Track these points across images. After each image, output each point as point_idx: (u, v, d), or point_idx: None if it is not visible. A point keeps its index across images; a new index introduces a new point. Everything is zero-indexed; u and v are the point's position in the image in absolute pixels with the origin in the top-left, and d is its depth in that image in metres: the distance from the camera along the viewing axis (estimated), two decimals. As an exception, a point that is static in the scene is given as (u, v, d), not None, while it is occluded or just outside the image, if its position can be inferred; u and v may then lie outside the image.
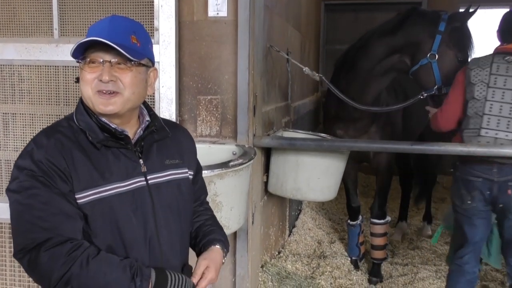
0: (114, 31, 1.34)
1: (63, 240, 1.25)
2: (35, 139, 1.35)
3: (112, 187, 1.35)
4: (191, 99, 2.69)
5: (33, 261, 1.25)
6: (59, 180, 1.29)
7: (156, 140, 1.48)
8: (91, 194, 1.32)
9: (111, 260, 1.29)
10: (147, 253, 1.39)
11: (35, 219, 1.26)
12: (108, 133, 1.38)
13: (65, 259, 1.23)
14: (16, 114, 2.71)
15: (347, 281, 3.38)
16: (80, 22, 2.62)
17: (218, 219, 2.27)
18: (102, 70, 1.33)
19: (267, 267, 3.23)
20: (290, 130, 3.45)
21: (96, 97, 1.35)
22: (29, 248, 1.25)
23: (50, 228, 1.26)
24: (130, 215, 1.36)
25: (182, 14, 2.62)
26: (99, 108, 1.36)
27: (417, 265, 3.63)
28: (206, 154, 2.57)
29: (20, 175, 1.29)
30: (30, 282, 2.74)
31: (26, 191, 1.27)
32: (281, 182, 3.05)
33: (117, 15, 1.45)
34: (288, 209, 4.04)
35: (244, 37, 2.54)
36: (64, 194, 1.29)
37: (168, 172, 1.48)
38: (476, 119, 2.46)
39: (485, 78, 2.40)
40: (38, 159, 1.29)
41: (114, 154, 1.38)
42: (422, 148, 2.75)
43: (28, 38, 2.67)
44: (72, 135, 1.36)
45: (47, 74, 2.65)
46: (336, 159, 3.05)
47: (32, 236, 1.26)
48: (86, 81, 1.35)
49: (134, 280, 1.27)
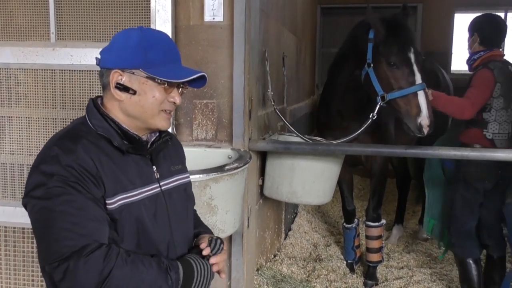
0: None
1: (98, 246, 1.25)
2: (58, 144, 1.32)
3: (138, 192, 1.38)
4: (187, 103, 2.70)
5: (71, 270, 1.21)
6: (92, 185, 1.28)
7: (162, 148, 1.52)
8: (121, 199, 1.33)
9: (145, 259, 1.31)
10: (165, 253, 1.43)
11: (71, 226, 1.24)
12: (127, 139, 1.41)
13: (104, 263, 1.23)
14: (12, 118, 2.72)
15: (342, 284, 3.39)
16: (77, 26, 2.64)
17: (214, 223, 2.30)
18: (175, 93, 1.42)
19: (262, 271, 3.23)
20: (286, 133, 3.46)
21: (162, 114, 1.42)
22: (65, 256, 1.22)
23: (87, 235, 1.25)
24: (152, 220, 1.40)
25: (179, 19, 2.64)
26: (162, 125, 1.43)
27: (412, 268, 3.64)
28: (202, 158, 2.59)
29: (48, 181, 1.25)
30: (25, 281, 2.75)
31: (58, 197, 1.24)
32: (276, 185, 3.06)
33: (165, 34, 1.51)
34: (284, 212, 4.05)
35: (240, 42, 2.56)
36: (97, 199, 1.29)
37: (175, 177, 1.53)
38: (506, 125, 2.81)
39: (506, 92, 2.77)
40: (67, 164, 1.27)
41: (134, 160, 1.41)
42: (415, 152, 2.77)
43: (24, 42, 2.68)
44: (95, 141, 1.35)
45: (43, 78, 2.66)
46: (331, 163, 3.06)
47: (68, 243, 1.23)
48: (156, 98, 1.39)
49: (169, 273, 1.32)
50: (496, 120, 2.81)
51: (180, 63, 1.47)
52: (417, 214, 4.77)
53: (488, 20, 2.95)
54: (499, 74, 2.79)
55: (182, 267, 1.37)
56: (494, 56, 2.87)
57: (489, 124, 2.83)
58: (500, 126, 2.82)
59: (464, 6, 6.75)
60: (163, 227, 1.43)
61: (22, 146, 2.70)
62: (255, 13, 2.72)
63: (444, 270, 3.61)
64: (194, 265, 1.40)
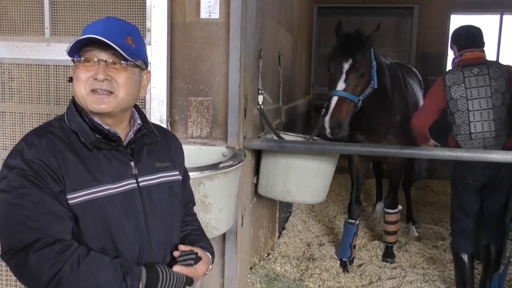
0: (110, 31, 1.34)
1: (52, 241, 1.23)
2: (26, 139, 1.33)
3: (103, 188, 1.34)
4: (182, 100, 2.69)
5: (22, 262, 1.22)
6: (50, 180, 1.27)
7: (146, 144, 1.48)
8: (82, 195, 1.31)
9: (102, 260, 1.28)
10: (138, 254, 1.39)
11: (24, 219, 1.23)
12: (100, 134, 1.38)
13: (55, 260, 1.21)
14: (5, 113, 2.70)
15: (335, 284, 3.39)
16: (71, 22, 2.62)
17: (207, 221, 2.29)
18: (97, 69, 1.33)
19: (255, 269, 3.23)
20: (281, 132, 3.46)
21: (90, 96, 1.34)
22: (17, 249, 1.22)
23: (40, 229, 1.24)
24: (121, 217, 1.36)
25: (174, 16, 2.62)
26: (92, 107, 1.35)
27: (405, 269, 3.65)
28: (196, 155, 2.58)
29: (9, 175, 1.27)
30: (18, 282, 2.73)
31: (15, 190, 1.25)
32: (271, 184, 3.06)
33: (112, 17, 1.44)
34: (278, 211, 4.05)
35: (236, 39, 2.55)
36: (55, 194, 1.27)
37: (159, 174, 1.49)
38: (465, 126, 2.88)
39: (463, 93, 2.88)
40: (29, 158, 1.27)
41: (106, 156, 1.38)
42: (410, 152, 2.78)
43: (19, 37, 2.66)
44: (64, 136, 1.34)
45: (37, 73, 2.64)
46: (326, 162, 3.06)
47: (20, 236, 1.23)
48: (80, 80, 1.34)
49: (125, 279, 1.27)
50: (456, 122, 2.89)
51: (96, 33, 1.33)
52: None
53: (460, 29, 3.15)
54: (450, 78, 2.92)
55: (147, 274, 1.32)
56: (465, 60, 2.97)
57: (453, 126, 2.94)
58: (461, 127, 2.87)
59: (460, 8, 6.78)
60: (135, 224, 1.38)
61: (15, 142, 2.67)
62: (252, 11, 2.71)
63: (437, 270, 3.62)
64: (160, 274, 1.34)
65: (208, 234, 2.34)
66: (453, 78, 2.91)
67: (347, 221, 3.75)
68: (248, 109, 2.74)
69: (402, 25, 6.95)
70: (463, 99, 2.87)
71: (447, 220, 4.74)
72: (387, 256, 3.85)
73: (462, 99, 2.88)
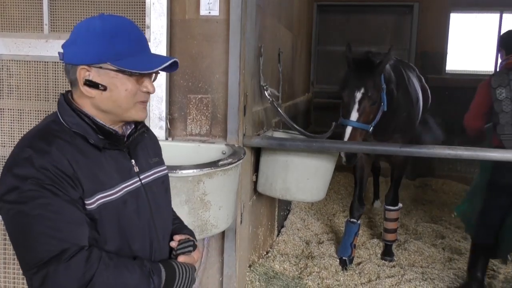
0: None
1: (78, 250, 1.20)
2: (31, 145, 1.25)
3: (118, 189, 1.32)
4: (181, 97, 2.68)
5: (52, 275, 1.17)
6: (69, 187, 1.23)
7: (139, 141, 1.47)
8: (99, 198, 1.28)
9: (128, 263, 1.27)
10: (149, 250, 1.40)
11: (48, 230, 1.18)
12: (103, 134, 1.34)
13: (86, 268, 1.18)
14: (4, 110, 2.69)
15: (334, 282, 3.39)
16: (70, 18, 2.61)
17: (207, 218, 2.29)
18: (148, 82, 1.35)
19: (254, 267, 3.23)
20: (280, 130, 3.45)
21: (138, 106, 1.36)
22: (44, 262, 1.17)
23: (65, 238, 1.20)
24: (133, 216, 1.35)
25: (174, 12, 2.61)
26: (139, 116, 1.37)
27: (404, 267, 3.65)
28: (196, 153, 2.57)
29: (22, 185, 1.19)
30: (15, 284, 2.72)
31: (32, 201, 1.18)
32: (270, 182, 3.05)
33: (113, 17, 1.37)
34: (277, 209, 4.04)
35: (236, 37, 2.54)
36: (74, 201, 1.23)
37: (154, 170, 1.49)
38: (509, 126, 3.02)
39: (509, 95, 3.01)
40: (42, 166, 1.20)
41: (111, 156, 1.35)
42: (410, 151, 2.78)
43: (17, 33, 2.65)
44: (70, 139, 1.29)
45: (36, 70, 2.63)
46: (325, 160, 3.06)
47: (46, 248, 1.18)
48: (129, 91, 1.32)
49: (151, 278, 1.28)
50: (500, 122, 3.02)
51: (148, 49, 1.38)
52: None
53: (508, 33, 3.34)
54: (496, 80, 3.05)
55: (165, 270, 1.33)
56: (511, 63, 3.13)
57: (497, 126, 3.05)
58: (505, 127, 3.00)
59: (460, 7, 6.76)
60: (145, 223, 1.38)
61: (14, 139, 2.67)
62: (252, 8, 2.70)
63: (436, 269, 3.62)
64: (176, 269, 1.37)
65: (207, 232, 2.35)
66: (498, 80, 3.05)
67: (348, 220, 3.75)
68: (247, 107, 2.73)
69: (402, 24, 6.93)
70: (508, 100, 3.00)
71: (446, 219, 4.75)
72: (386, 254, 3.86)
73: (507, 100, 3.01)
